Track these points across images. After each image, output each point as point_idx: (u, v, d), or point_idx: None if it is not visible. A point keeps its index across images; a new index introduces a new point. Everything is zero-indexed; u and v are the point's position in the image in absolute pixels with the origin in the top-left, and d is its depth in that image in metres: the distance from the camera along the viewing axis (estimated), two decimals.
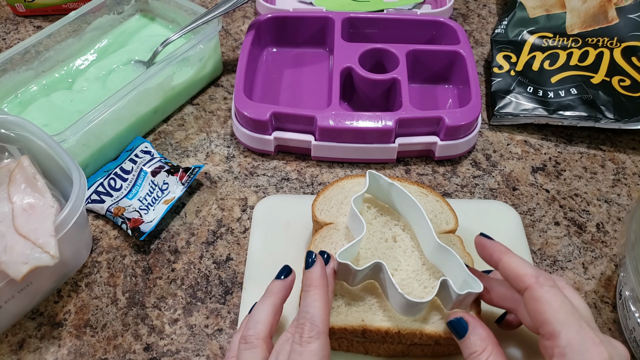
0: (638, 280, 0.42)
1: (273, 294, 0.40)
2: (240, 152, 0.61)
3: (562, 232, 0.54)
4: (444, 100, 0.65)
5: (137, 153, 0.58)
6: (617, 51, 0.66)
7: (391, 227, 0.45)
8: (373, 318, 0.40)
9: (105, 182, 0.55)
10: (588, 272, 0.52)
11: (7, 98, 0.61)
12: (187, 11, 0.66)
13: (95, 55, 0.67)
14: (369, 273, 0.40)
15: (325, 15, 0.67)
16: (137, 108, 0.59)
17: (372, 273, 0.40)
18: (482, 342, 0.35)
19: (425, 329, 0.39)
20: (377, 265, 0.39)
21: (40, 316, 0.48)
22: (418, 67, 0.64)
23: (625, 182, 0.59)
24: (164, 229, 0.54)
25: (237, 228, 0.54)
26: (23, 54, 0.61)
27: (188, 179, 0.55)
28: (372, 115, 0.56)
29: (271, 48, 0.70)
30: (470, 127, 0.58)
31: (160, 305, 0.49)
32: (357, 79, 0.62)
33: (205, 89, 0.68)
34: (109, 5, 0.68)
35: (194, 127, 0.63)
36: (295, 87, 0.66)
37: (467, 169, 0.60)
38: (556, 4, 0.70)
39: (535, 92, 0.63)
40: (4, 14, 0.78)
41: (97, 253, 0.52)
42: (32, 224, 0.43)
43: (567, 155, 0.61)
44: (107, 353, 0.46)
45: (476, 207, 0.53)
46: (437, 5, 0.77)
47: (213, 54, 0.65)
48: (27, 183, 0.46)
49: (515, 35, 0.69)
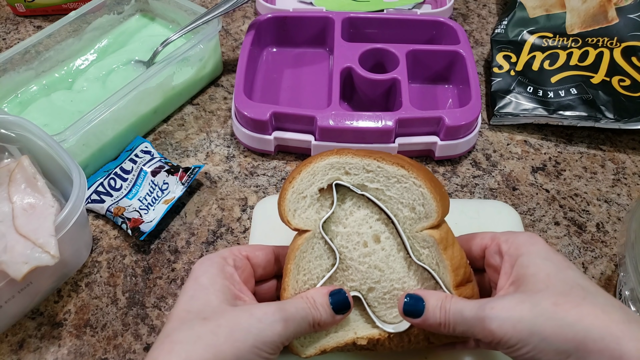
0: (638, 280, 0.42)
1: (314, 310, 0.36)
2: (240, 152, 0.61)
3: (562, 232, 0.54)
4: (444, 100, 0.65)
5: (137, 153, 0.58)
6: (617, 51, 0.66)
7: (372, 224, 0.39)
8: (365, 327, 0.39)
9: (105, 182, 0.55)
10: (588, 272, 0.52)
11: (7, 98, 0.61)
12: (187, 11, 0.66)
13: (95, 55, 0.67)
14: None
15: (325, 15, 0.67)
16: (137, 108, 0.59)
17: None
18: (442, 311, 0.34)
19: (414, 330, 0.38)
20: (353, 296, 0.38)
21: (41, 316, 0.48)
22: (418, 67, 0.64)
23: (625, 182, 0.59)
24: (164, 229, 0.54)
25: (237, 228, 0.54)
26: (23, 54, 0.61)
27: (188, 179, 0.55)
28: (372, 115, 0.56)
29: (271, 48, 0.70)
30: (470, 127, 0.58)
31: (160, 305, 0.49)
32: (357, 79, 0.62)
33: (205, 89, 0.68)
34: (109, 5, 0.68)
35: (194, 127, 0.63)
36: (295, 87, 0.66)
37: (467, 169, 0.60)
38: (556, 4, 0.70)
39: (535, 92, 0.63)
40: (4, 14, 0.78)
41: (97, 253, 0.52)
42: (32, 223, 0.43)
43: (567, 155, 0.61)
44: (107, 353, 0.46)
45: (476, 207, 0.53)
46: (437, 5, 0.77)
47: (213, 54, 0.65)
48: (27, 183, 0.46)
49: (515, 35, 0.69)
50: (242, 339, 0.32)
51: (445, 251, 0.37)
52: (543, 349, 0.30)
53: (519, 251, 0.35)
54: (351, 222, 0.39)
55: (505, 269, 0.35)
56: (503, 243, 0.36)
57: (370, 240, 0.39)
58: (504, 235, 0.37)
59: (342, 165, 0.39)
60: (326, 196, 0.40)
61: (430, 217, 0.38)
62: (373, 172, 0.39)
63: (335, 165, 0.39)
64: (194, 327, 0.32)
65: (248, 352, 0.32)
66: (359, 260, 0.39)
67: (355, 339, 0.38)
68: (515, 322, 0.31)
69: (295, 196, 0.39)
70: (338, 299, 0.36)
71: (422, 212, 0.38)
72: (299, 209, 0.39)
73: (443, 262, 0.37)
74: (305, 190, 0.39)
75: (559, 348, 0.30)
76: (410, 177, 0.38)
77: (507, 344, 0.31)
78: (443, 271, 0.38)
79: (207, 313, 0.33)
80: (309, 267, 0.39)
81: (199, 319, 0.32)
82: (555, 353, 0.30)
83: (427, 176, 0.39)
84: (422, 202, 0.38)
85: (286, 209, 0.39)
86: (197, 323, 0.32)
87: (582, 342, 0.29)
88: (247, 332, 0.32)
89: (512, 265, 0.35)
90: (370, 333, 0.39)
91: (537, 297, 0.32)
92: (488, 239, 0.38)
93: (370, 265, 0.39)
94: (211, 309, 0.33)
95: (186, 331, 0.32)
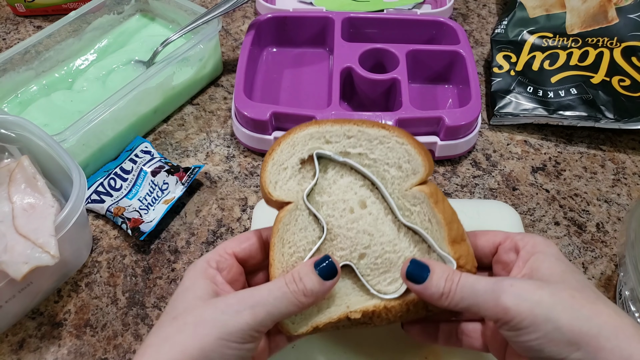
0: (638, 280, 0.42)
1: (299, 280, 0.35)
2: (240, 152, 0.61)
3: (562, 232, 0.54)
4: (444, 100, 0.65)
5: (137, 153, 0.58)
6: (617, 51, 0.66)
7: (357, 190, 0.38)
8: (358, 300, 0.37)
9: (105, 182, 0.55)
10: (588, 272, 0.52)
11: (7, 98, 0.61)
12: (187, 11, 0.66)
13: (95, 55, 0.67)
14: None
15: (325, 15, 0.67)
16: (137, 108, 0.59)
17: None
18: (447, 282, 0.33)
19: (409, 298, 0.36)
20: (343, 267, 0.37)
21: (41, 316, 0.48)
22: (418, 67, 0.64)
23: (625, 182, 0.59)
24: (164, 229, 0.54)
25: (237, 228, 0.54)
26: (23, 54, 0.61)
27: (188, 178, 0.55)
28: (372, 115, 0.56)
29: (271, 48, 0.70)
30: (470, 127, 0.58)
31: (160, 305, 0.49)
32: (357, 79, 0.62)
33: (205, 89, 0.68)
34: (109, 5, 0.68)
35: (194, 127, 0.63)
36: (295, 87, 0.66)
37: (467, 169, 0.60)
38: (556, 4, 0.70)
39: (535, 92, 0.63)
40: (4, 14, 0.78)
41: (97, 253, 0.52)
42: (32, 223, 0.43)
43: (567, 155, 0.61)
44: (107, 353, 0.46)
45: (476, 207, 0.53)
46: (437, 5, 0.77)
47: (213, 54, 0.65)
48: (27, 183, 0.46)
49: (515, 35, 0.69)
50: (206, 332, 0.31)
51: (437, 205, 0.37)
52: (554, 338, 0.30)
53: (535, 249, 0.35)
54: (335, 190, 0.39)
55: (519, 264, 0.35)
56: (519, 241, 0.36)
57: (356, 206, 0.38)
58: (519, 234, 0.37)
59: (322, 135, 0.39)
60: (307, 168, 0.39)
61: (417, 172, 0.38)
62: (354, 137, 0.38)
63: (315, 135, 0.39)
64: (165, 328, 0.32)
65: (214, 345, 0.31)
66: (347, 226, 0.38)
67: (348, 313, 0.37)
68: (534, 304, 0.31)
69: (275, 168, 0.38)
70: (324, 265, 0.35)
71: (409, 169, 0.38)
72: (280, 181, 0.38)
73: (436, 216, 0.37)
74: (285, 161, 0.38)
75: (571, 339, 0.30)
76: (392, 136, 0.38)
77: (518, 326, 0.31)
78: (436, 227, 0.37)
79: (178, 312, 0.33)
80: (294, 240, 0.37)
81: (169, 319, 0.33)
82: (565, 344, 0.30)
83: (408, 135, 0.39)
84: (408, 159, 0.38)
85: (267, 181, 0.38)
86: (167, 323, 0.32)
87: (594, 338, 0.29)
88: (212, 325, 0.32)
89: (525, 261, 0.35)
90: (364, 306, 0.37)
91: (556, 287, 0.32)
92: (502, 236, 0.38)
93: (359, 230, 0.38)
94: (183, 308, 0.33)
95: (157, 333, 0.32)
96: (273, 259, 0.37)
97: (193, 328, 0.32)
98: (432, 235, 0.37)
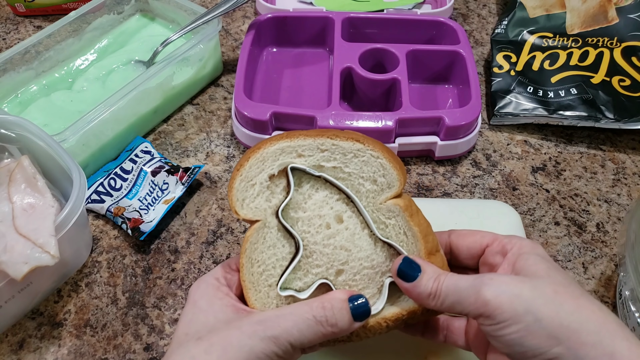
0: (638, 280, 0.42)
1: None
2: (240, 152, 0.61)
3: (562, 232, 0.54)
4: (444, 100, 0.65)
5: (137, 153, 0.58)
6: (617, 51, 0.66)
7: (332, 205, 0.38)
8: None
9: (105, 182, 0.55)
10: (588, 272, 0.52)
11: (7, 98, 0.61)
12: (187, 11, 0.66)
13: (95, 55, 0.67)
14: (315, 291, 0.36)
15: (325, 15, 0.67)
16: (137, 108, 0.59)
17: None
18: (435, 282, 0.33)
19: (389, 313, 0.36)
20: (322, 285, 0.36)
21: (41, 316, 0.48)
22: (418, 67, 0.64)
23: (625, 182, 0.59)
24: (164, 229, 0.54)
25: (237, 228, 0.54)
26: (23, 54, 0.61)
27: (188, 178, 0.55)
28: (372, 115, 0.56)
29: (271, 48, 0.70)
30: (470, 127, 0.58)
31: (160, 305, 0.49)
32: (357, 79, 0.62)
33: (205, 89, 0.68)
34: (109, 5, 0.68)
35: (194, 127, 0.63)
36: (295, 87, 0.66)
37: (467, 169, 0.60)
38: (556, 4, 0.70)
39: (535, 92, 0.63)
40: (4, 14, 0.78)
41: (97, 253, 0.52)
42: (32, 223, 0.43)
43: (567, 155, 0.61)
44: (107, 353, 0.46)
45: (476, 207, 0.53)
46: (437, 5, 0.77)
47: (213, 54, 0.65)
48: (27, 183, 0.46)
49: (515, 35, 0.69)
50: (234, 357, 0.32)
51: (412, 218, 0.37)
52: (534, 330, 0.30)
53: (522, 250, 0.35)
54: (310, 205, 0.38)
55: (504, 266, 0.35)
56: (507, 244, 0.36)
57: (332, 222, 0.38)
58: (507, 237, 0.37)
59: (293, 149, 0.38)
60: (277, 182, 0.38)
61: (392, 186, 0.37)
62: (328, 151, 0.38)
63: (286, 149, 0.38)
64: (189, 349, 0.32)
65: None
66: (323, 243, 0.37)
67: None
68: (513, 296, 0.30)
69: (243, 185, 0.37)
70: (359, 304, 0.34)
71: (384, 183, 0.38)
72: (247, 198, 0.37)
73: (411, 229, 0.37)
74: (254, 177, 0.37)
75: (551, 333, 0.29)
76: (367, 149, 0.38)
77: (498, 318, 0.30)
78: (412, 240, 0.37)
79: (202, 333, 0.33)
80: (262, 258, 0.37)
81: (194, 340, 0.33)
82: (546, 337, 0.29)
83: (383, 147, 0.38)
84: (383, 173, 0.38)
85: (234, 199, 0.37)
86: (192, 344, 0.33)
87: (576, 332, 0.29)
88: (238, 349, 0.32)
89: (512, 263, 0.35)
90: None
91: (538, 281, 0.32)
92: (489, 238, 0.38)
93: (336, 246, 0.37)
94: (207, 329, 0.33)
95: (182, 354, 0.32)
96: (244, 280, 0.37)
97: (221, 350, 0.32)
98: (408, 249, 0.37)
